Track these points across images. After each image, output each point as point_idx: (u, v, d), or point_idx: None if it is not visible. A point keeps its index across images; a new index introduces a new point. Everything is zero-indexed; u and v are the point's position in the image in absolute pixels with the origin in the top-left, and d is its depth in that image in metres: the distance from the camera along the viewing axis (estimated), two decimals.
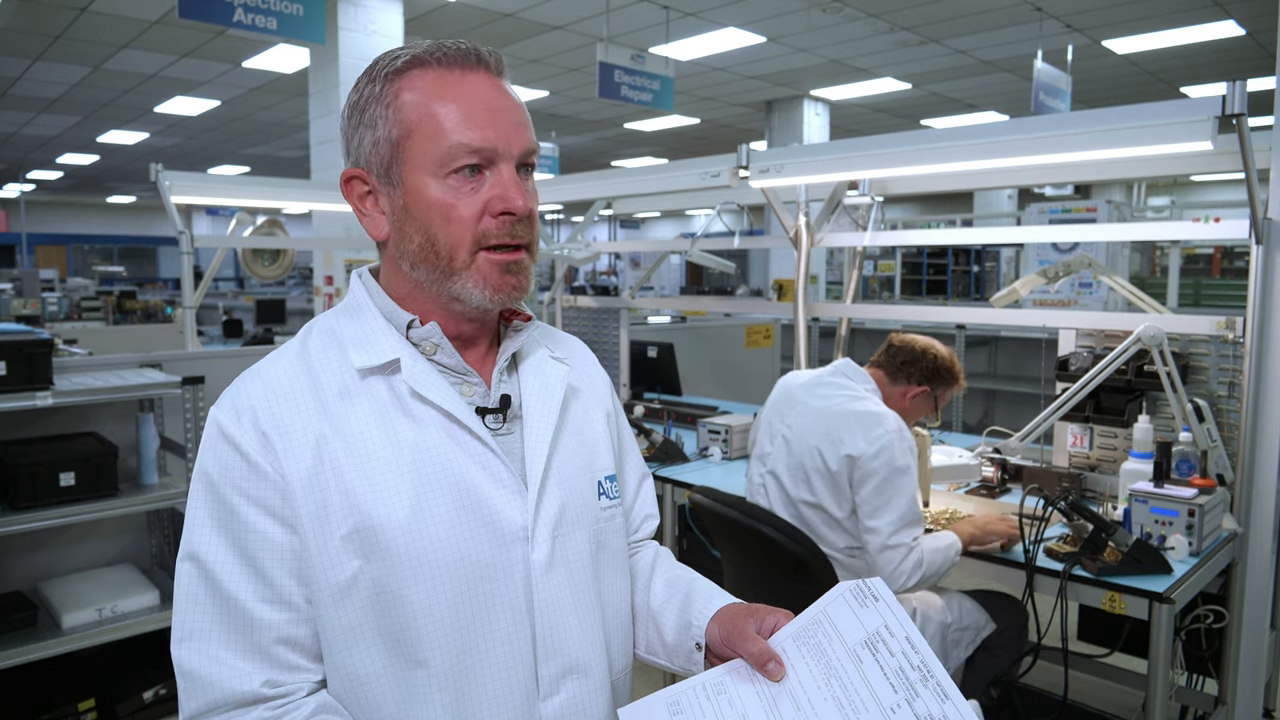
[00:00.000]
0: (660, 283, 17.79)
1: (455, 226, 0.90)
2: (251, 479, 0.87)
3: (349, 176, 0.95)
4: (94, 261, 20.09)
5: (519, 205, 0.90)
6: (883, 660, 0.83)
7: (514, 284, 0.93)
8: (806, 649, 0.89)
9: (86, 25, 7.09)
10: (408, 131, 0.90)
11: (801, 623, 0.92)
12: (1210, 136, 1.91)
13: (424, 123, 0.89)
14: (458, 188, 0.90)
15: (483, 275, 0.91)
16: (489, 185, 0.90)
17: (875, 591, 0.89)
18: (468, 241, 0.90)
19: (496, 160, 0.90)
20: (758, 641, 0.90)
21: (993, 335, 6.30)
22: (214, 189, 4.17)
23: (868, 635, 0.86)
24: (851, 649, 0.86)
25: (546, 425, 0.97)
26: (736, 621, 0.95)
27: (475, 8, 6.96)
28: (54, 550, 2.86)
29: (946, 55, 8.51)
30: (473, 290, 0.91)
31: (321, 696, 0.89)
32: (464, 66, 0.91)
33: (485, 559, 0.90)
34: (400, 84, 0.91)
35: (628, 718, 0.90)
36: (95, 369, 2.89)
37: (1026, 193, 13.83)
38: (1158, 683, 1.86)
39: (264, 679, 0.85)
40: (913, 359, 2.29)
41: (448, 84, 0.90)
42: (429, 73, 0.91)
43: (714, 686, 0.90)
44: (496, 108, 0.91)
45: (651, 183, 3.51)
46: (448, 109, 0.89)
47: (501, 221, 0.90)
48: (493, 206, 0.90)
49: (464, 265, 0.91)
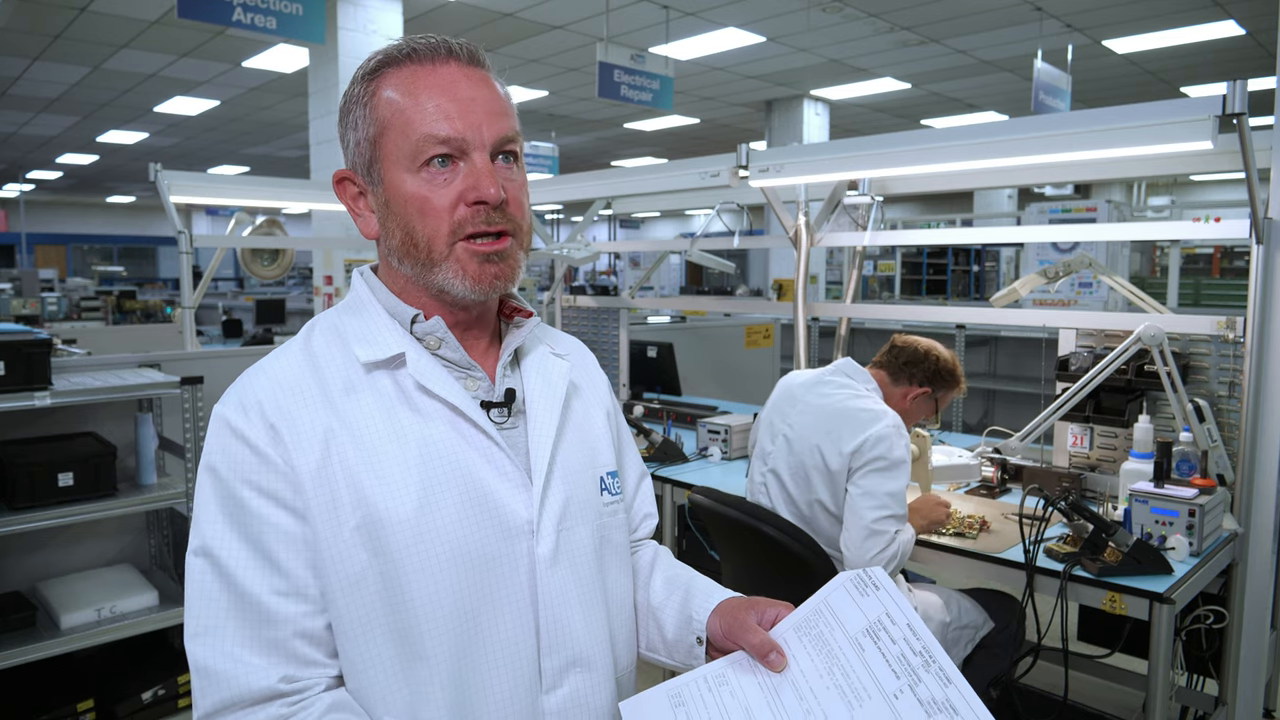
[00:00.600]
0: (660, 283, 17.79)
1: (431, 219, 0.90)
2: (261, 470, 0.87)
3: (340, 178, 0.97)
4: (93, 261, 20.09)
5: (490, 194, 0.90)
6: (884, 648, 0.83)
7: (495, 273, 0.92)
8: (808, 639, 0.88)
9: (86, 25, 7.09)
10: (382, 129, 0.91)
11: (803, 613, 0.91)
12: (1211, 136, 1.91)
13: (395, 118, 0.91)
14: (430, 180, 0.90)
15: (461, 266, 0.91)
16: (462, 175, 0.91)
17: (876, 580, 0.88)
18: (444, 233, 0.91)
19: (469, 150, 0.90)
20: (759, 633, 0.90)
21: (993, 335, 6.30)
22: (213, 189, 4.16)
23: (869, 623, 0.85)
24: (853, 637, 0.85)
25: (550, 420, 0.97)
26: (737, 614, 0.95)
27: (475, 7, 6.96)
28: (53, 550, 2.86)
29: (946, 55, 8.51)
30: (454, 281, 0.91)
31: (338, 693, 0.88)
32: (434, 60, 0.92)
33: (490, 552, 0.90)
34: (376, 83, 0.93)
35: (629, 710, 0.89)
36: (94, 369, 2.89)
37: (1026, 193, 13.83)
38: (1158, 683, 1.86)
39: (280, 674, 0.85)
40: (915, 360, 2.30)
41: (417, 78, 0.91)
42: (402, 70, 0.92)
43: (715, 678, 0.90)
44: (465, 97, 0.91)
45: (651, 182, 3.51)
46: (416, 102, 0.90)
47: (476, 210, 0.91)
48: (466, 196, 0.90)
49: (443, 256, 0.91)
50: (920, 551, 2.25)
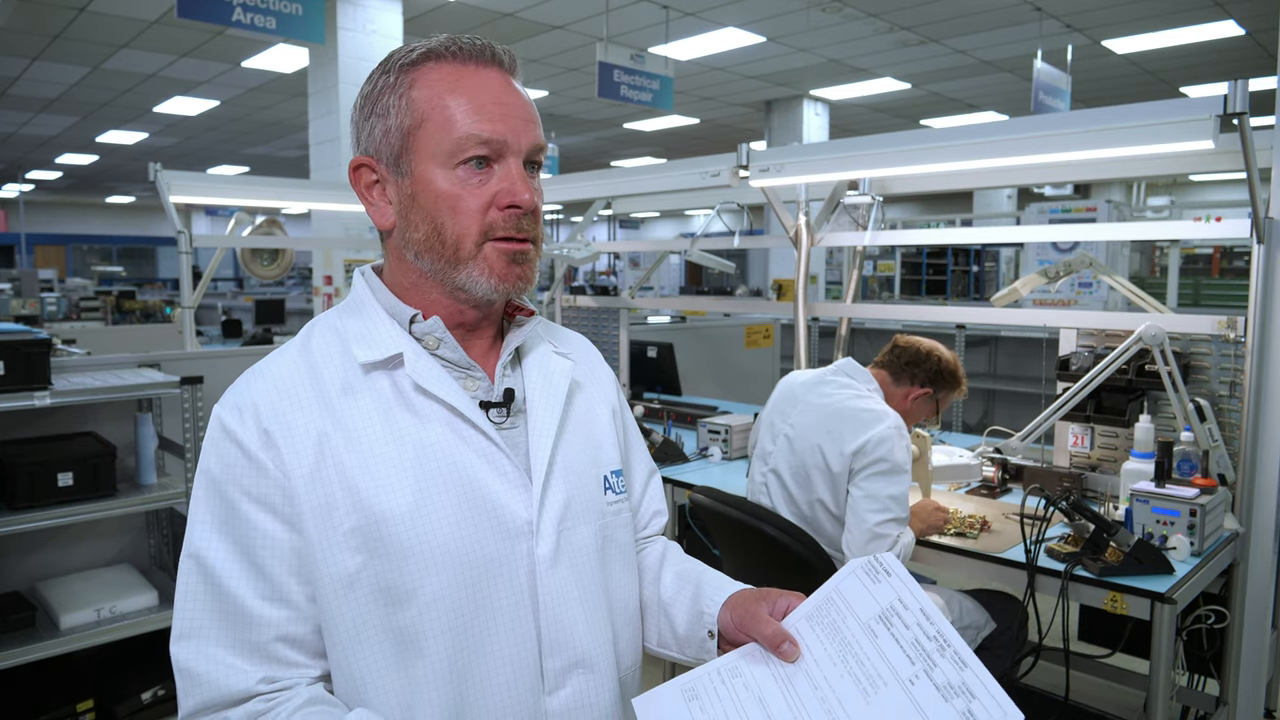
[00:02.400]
0: (660, 283, 17.79)
1: (462, 217, 0.90)
2: (253, 476, 0.87)
3: (358, 164, 0.96)
4: (93, 261, 20.09)
5: (526, 199, 0.91)
6: (898, 633, 0.82)
7: (519, 274, 0.93)
8: (821, 628, 0.88)
9: (85, 25, 7.09)
10: (419, 121, 0.91)
11: (814, 602, 0.91)
12: (1212, 136, 1.91)
13: (436, 113, 0.90)
14: (465, 179, 0.90)
15: (489, 265, 0.92)
16: (497, 178, 0.91)
17: (887, 566, 0.88)
18: (474, 233, 0.91)
19: (505, 154, 0.91)
20: (771, 623, 0.90)
21: (993, 335, 6.30)
22: (213, 189, 4.16)
23: (881, 610, 0.85)
24: (866, 624, 0.85)
25: (551, 419, 0.97)
26: (749, 605, 0.95)
27: (475, 7, 6.96)
28: (52, 550, 2.86)
29: (946, 55, 8.51)
30: (479, 279, 0.92)
31: (316, 687, 0.88)
32: (478, 62, 0.92)
33: (489, 553, 0.90)
34: (414, 75, 0.92)
35: (641, 706, 0.89)
36: (94, 369, 2.89)
37: (1026, 192, 13.84)
38: (1159, 683, 1.85)
39: (261, 676, 0.85)
40: (917, 360, 2.30)
41: (462, 77, 0.91)
42: (444, 66, 0.92)
43: (728, 670, 0.89)
44: (508, 102, 0.92)
45: (651, 182, 3.51)
46: (460, 101, 0.90)
47: (508, 215, 0.91)
48: (500, 199, 0.91)
49: (470, 255, 0.91)
50: (921, 552, 2.25)
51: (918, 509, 2.29)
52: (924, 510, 2.29)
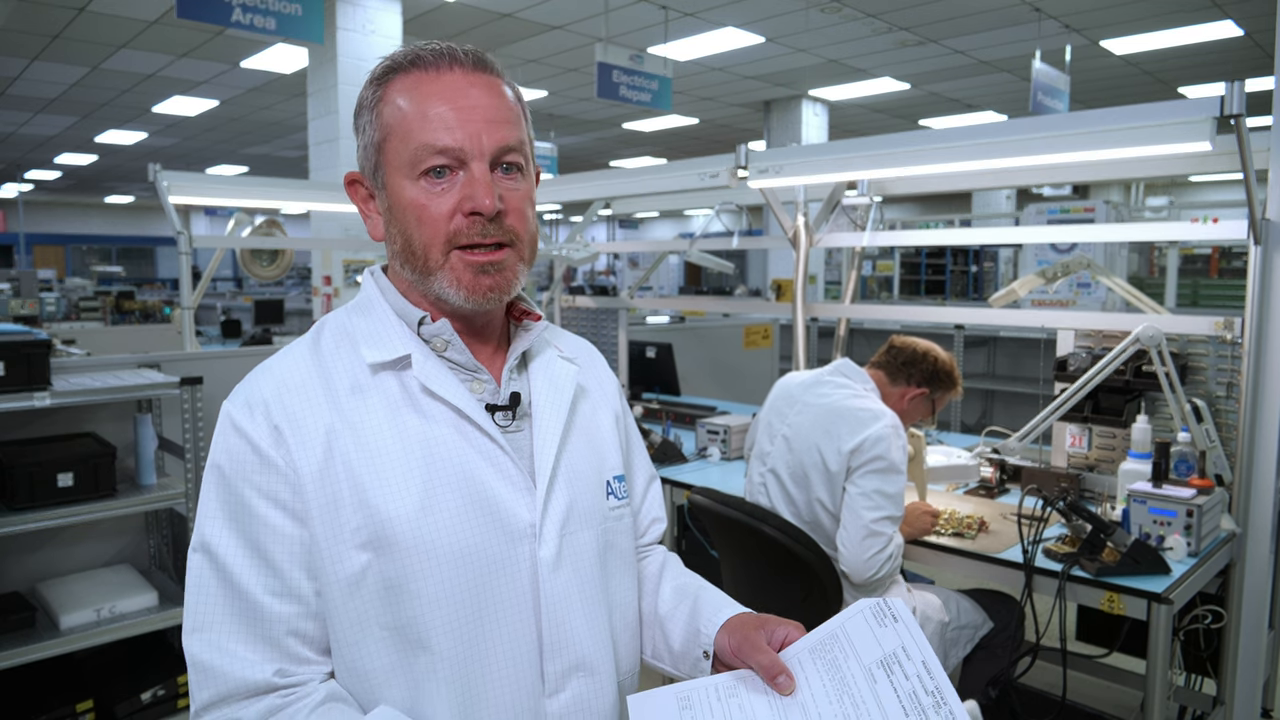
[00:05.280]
0: (659, 283, 17.80)
1: (427, 227, 0.91)
2: (262, 471, 0.88)
3: (350, 179, 0.98)
4: (92, 262, 20.07)
5: (485, 205, 0.89)
6: (897, 682, 0.83)
7: (489, 285, 0.92)
8: (822, 663, 0.88)
9: (85, 25, 7.08)
10: (385, 135, 0.92)
11: (818, 636, 0.91)
12: (1209, 137, 1.91)
13: (397, 125, 0.91)
14: (429, 188, 0.91)
15: (456, 275, 0.92)
16: (460, 185, 0.91)
17: (895, 612, 0.88)
18: (440, 241, 0.91)
19: (467, 160, 0.90)
20: (768, 653, 0.90)
21: (991, 335, 6.31)
22: (212, 189, 4.15)
23: (884, 655, 0.85)
24: (867, 668, 0.85)
25: (555, 423, 0.98)
26: (747, 632, 0.95)
27: (474, 8, 6.96)
28: (52, 551, 2.86)
29: (945, 55, 8.51)
30: (448, 290, 0.92)
31: (332, 685, 0.89)
32: (439, 67, 0.92)
33: (492, 554, 0.90)
34: (384, 89, 0.93)
35: (636, 705, 0.89)
36: (93, 369, 2.89)
37: (1025, 193, 13.83)
38: (1156, 683, 1.86)
39: (275, 668, 0.86)
40: (914, 360, 2.30)
41: (420, 85, 0.92)
42: (407, 76, 0.92)
43: (726, 689, 0.90)
44: (466, 106, 0.91)
45: (650, 183, 3.51)
46: (416, 110, 0.90)
47: (471, 221, 0.91)
48: (462, 206, 0.91)
49: (438, 265, 0.92)
50: (920, 552, 2.25)
51: (906, 512, 2.29)
52: (912, 514, 2.29)
